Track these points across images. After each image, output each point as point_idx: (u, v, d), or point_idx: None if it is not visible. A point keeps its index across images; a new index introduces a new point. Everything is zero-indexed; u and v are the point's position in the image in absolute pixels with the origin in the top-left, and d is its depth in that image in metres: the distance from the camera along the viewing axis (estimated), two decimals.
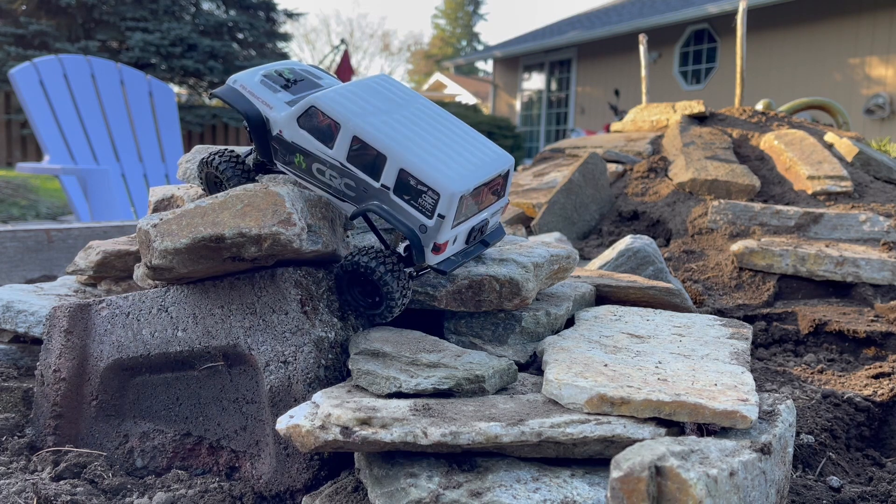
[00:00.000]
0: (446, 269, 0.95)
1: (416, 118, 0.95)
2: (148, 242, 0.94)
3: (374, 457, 0.81)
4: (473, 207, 0.94)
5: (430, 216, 0.88)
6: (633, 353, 0.96)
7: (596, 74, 12.06)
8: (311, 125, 0.94)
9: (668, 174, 2.59)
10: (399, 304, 0.96)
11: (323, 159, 0.94)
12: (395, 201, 0.90)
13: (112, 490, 0.96)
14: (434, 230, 0.89)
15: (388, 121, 0.93)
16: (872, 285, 1.84)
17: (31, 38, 9.38)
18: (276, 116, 0.97)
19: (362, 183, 0.92)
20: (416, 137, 0.91)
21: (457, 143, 0.94)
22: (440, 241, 0.90)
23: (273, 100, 0.98)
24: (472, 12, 31.87)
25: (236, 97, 1.00)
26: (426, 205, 0.88)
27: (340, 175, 0.93)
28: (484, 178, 0.92)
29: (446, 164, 0.89)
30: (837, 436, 1.19)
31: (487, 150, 0.96)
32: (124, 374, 1.06)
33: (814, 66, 8.72)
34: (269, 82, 1.01)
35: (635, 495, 0.63)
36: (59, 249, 2.33)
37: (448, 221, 0.89)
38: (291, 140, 0.96)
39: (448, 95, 22.45)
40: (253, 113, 0.98)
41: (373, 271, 0.93)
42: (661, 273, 1.53)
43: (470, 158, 0.93)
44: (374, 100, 0.96)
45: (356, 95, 0.96)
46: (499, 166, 0.95)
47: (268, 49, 11.11)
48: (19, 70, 3.94)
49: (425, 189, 0.87)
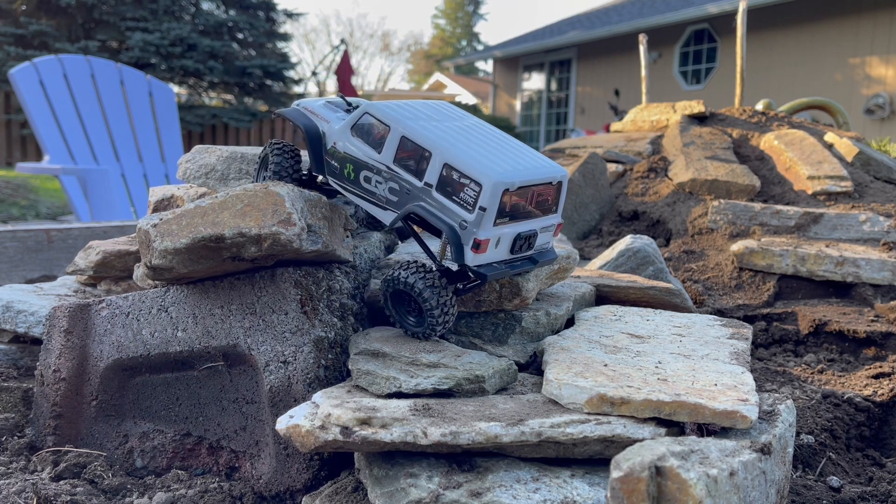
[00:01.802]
0: (487, 273, 0.90)
1: (467, 129, 0.96)
2: (148, 242, 0.94)
3: (374, 457, 0.81)
4: (519, 210, 0.92)
5: (471, 210, 0.87)
6: (633, 353, 0.96)
7: (596, 74, 12.06)
8: (363, 132, 0.97)
9: (668, 174, 2.59)
10: (441, 322, 0.94)
11: (371, 165, 0.96)
12: (438, 199, 0.90)
13: (112, 490, 0.96)
14: (475, 225, 0.87)
15: (439, 126, 0.94)
16: (872, 285, 1.84)
17: (31, 38, 9.38)
18: (332, 129, 1.02)
19: (406, 184, 0.92)
20: (463, 139, 0.92)
21: (506, 149, 0.94)
22: (480, 238, 0.88)
23: (332, 116, 1.04)
24: (472, 12, 31.87)
25: (297, 115, 1.07)
26: (468, 198, 0.87)
27: (386, 180, 0.94)
28: (530, 178, 0.90)
29: (491, 159, 0.89)
30: (837, 436, 1.19)
31: (539, 159, 0.96)
32: (124, 374, 1.06)
33: (814, 66, 8.72)
34: (332, 105, 1.08)
35: (635, 495, 0.63)
36: (59, 249, 2.33)
37: (489, 215, 0.87)
38: (344, 150, 0.99)
39: (448, 95, 22.46)
40: (311, 127, 1.04)
41: (411, 287, 0.92)
42: (661, 273, 1.53)
43: (519, 160, 0.92)
44: (427, 111, 0.99)
45: (410, 106, 0.99)
46: (549, 173, 0.94)
47: (268, 49, 11.10)
48: (19, 70, 3.94)
49: (468, 181, 0.87)
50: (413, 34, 45.79)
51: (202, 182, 1.21)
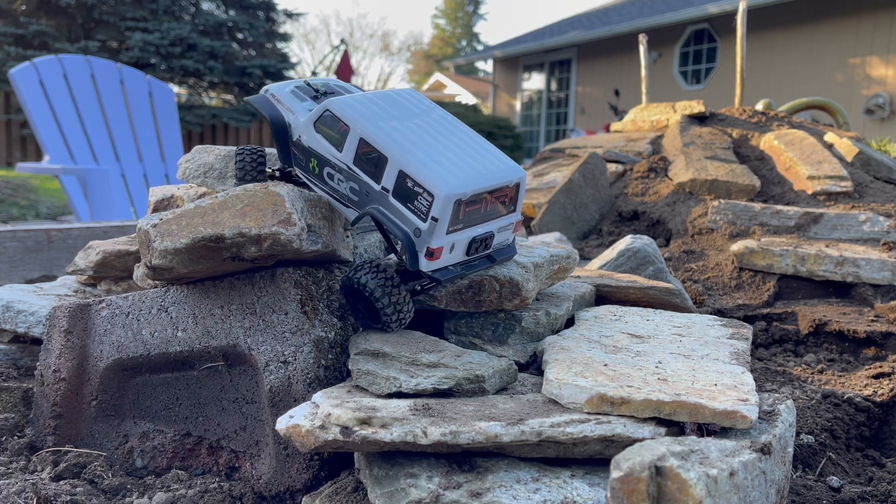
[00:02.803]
0: (441, 277, 0.92)
1: (429, 127, 0.95)
2: (148, 242, 0.94)
3: (374, 457, 0.81)
4: (474, 216, 0.91)
5: (424, 219, 0.87)
6: (633, 353, 0.96)
7: (596, 74, 12.06)
8: (326, 129, 0.96)
9: (668, 174, 2.59)
10: (394, 320, 0.95)
11: (333, 163, 0.95)
12: (394, 204, 0.89)
13: (112, 490, 0.96)
14: (428, 234, 0.87)
15: (398, 126, 0.92)
16: (872, 285, 1.84)
17: (31, 38, 9.38)
18: (297, 122, 1.00)
19: (365, 186, 0.92)
20: (421, 143, 0.91)
21: (465, 151, 0.93)
22: (433, 246, 0.88)
23: (298, 107, 1.01)
24: (472, 12, 31.86)
25: (264, 103, 1.04)
26: (421, 207, 0.87)
27: (347, 178, 0.95)
28: (485, 186, 0.89)
29: (446, 167, 0.88)
30: (837, 436, 1.19)
31: (497, 161, 0.94)
32: (124, 374, 1.06)
33: (814, 66, 8.72)
34: (298, 93, 1.04)
35: (635, 495, 0.63)
36: (59, 249, 2.33)
37: (442, 225, 0.86)
38: (308, 144, 0.98)
39: (448, 95, 22.45)
40: (277, 118, 1.01)
41: (364, 287, 0.93)
42: (661, 273, 1.53)
43: (474, 166, 0.91)
44: (389, 107, 0.96)
45: (371, 102, 0.96)
46: (506, 177, 0.93)
47: (268, 49, 11.11)
48: (19, 70, 3.94)
49: (421, 191, 0.86)
50: (413, 34, 45.81)
51: (201, 181, 1.21)
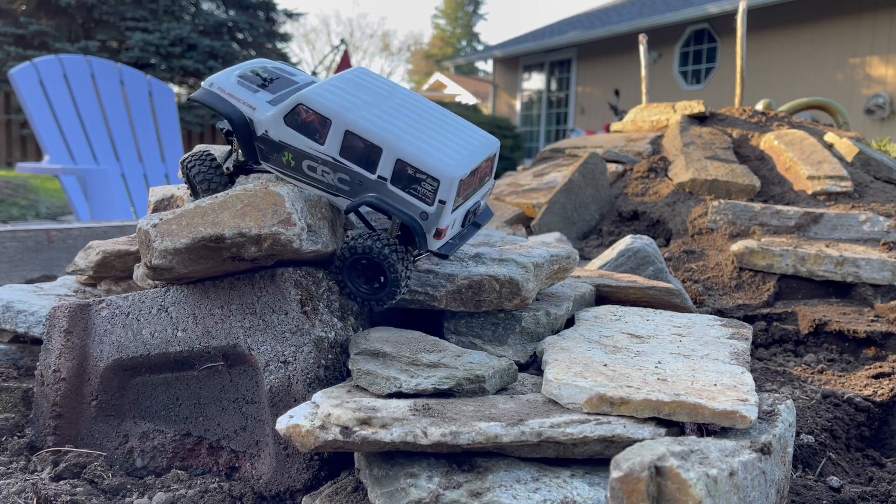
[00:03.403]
0: (447, 252, 0.98)
1: (404, 108, 0.97)
2: (148, 242, 0.94)
3: (374, 457, 0.81)
4: (468, 191, 0.96)
5: (430, 203, 0.91)
6: (632, 353, 0.96)
7: (596, 74, 12.05)
8: (299, 123, 0.94)
9: (668, 174, 2.59)
10: (403, 285, 0.96)
11: (314, 156, 0.95)
12: (393, 191, 0.92)
13: (112, 490, 0.96)
14: (435, 216, 0.91)
15: (379, 113, 0.94)
16: (872, 285, 1.84)
17: (31, 38, 9.38)
18: (261, 117, 0.97)
19: (357, 176, 0.93)
20: (407, 128, 0.93)
21: (446, 130, 0.97)
22: (442, 227, 0.92)
23: (254, 100, 0.98)
24: (472, 12, 31.86)
25: (217, 100, 0.99)
26: (426, 192, 0.90)
27: (334, 170, 0.94)
28: (477, 163, 0.95)
29: (441, 151, 0.92)
30: (837, 436, 1.19)
31: (476, 135, 0.99)
32: (124, 374, 1.06)
33: (814, 66, 8.72)
34: (246, 83, 1.01)
35: (635, 495, 0.63)
36: (59, 249, 2.33)
37: (448, 206, 0.91)
38: (279, 139, 0.96)
39: (448, 95, 22.45)
40: (236, 115, 0.98)
41: (375, 251, 0.93)
42: (661, 273, 1.53)
43: (462, 144, 0.95)
44: (360, 93, 0.97)
45: (341, 90, 0.96)
46: (488, 150, 0.99)
47: (268, 49, 11.11)
48: (19, 70, 3.94)
49: (424, 177, 0.90)
50: (413, 34, 45.80)
51: None
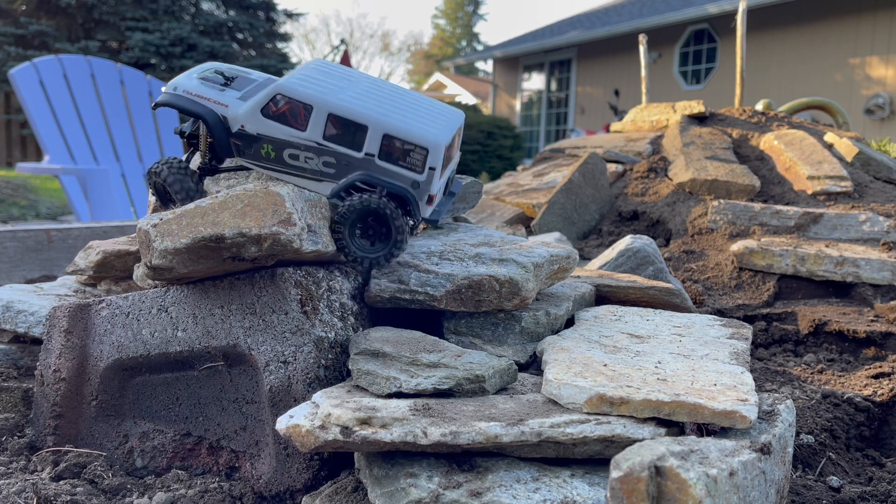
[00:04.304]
0: (437, 217, 1.04)
1: (373, 90, 1.02)
2: (148, 242, 0.94)
3: (374, 457, 0.81)
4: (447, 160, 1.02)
5: (420, 171, 0.96)
6: (632, 353, 0.96)
7: (596, 74, 12.05)
8: (278, 112, 0.96)
9: (668, 174, 2.59)
10: (404, 241, 1.00)
11: (296, 143, 0.97)
12: (382, 166, 0.96)
13: (112, 490, 0.96)
14: (427, 183, 0.97)
15: (355, 95, 0.98)
16: (872, 285, 1.84)
17: (31, 38, 9.38)
18: (235, 112, 0.98)
19: (343, 157, 0.96)
20: (384, 106, 0.98)
21: (416, 105, 1.02)
22: (433, 192, 0.98)
23: (224, 98, 1.00)
24: (472, 12, 31.85)
25: (186, 102, 1.00)
26: (415, 162, 0.96)
27: (318, 154, 0.97)
28: (454, 131, 1.02)
29: (422, 122, 0.97)
30: (837, 436, 1.19)
31: (444, 109, 1.05)
32: (124, 374, 1.06)
33: (814, 66, 8.72)
34: (209, 83, 1.02)
35: (635, 495, 0.63)
36: (59, 249, 2.33)
37: (437, 173, 0.96)
38: (257, 132, 0.98)
39: (448, 95, 22.44)
40: (209, 114, 0.99)
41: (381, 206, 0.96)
42: (661, 273, 1.53)
43: (435, 116, 1.01)
44: (330, 79, 1.01)
45: (314, 79, 1.00)
46: (458, 121, 1.05)
47: (268, 49, 11.11)
48: (19, 70, 3.94)
49: (412, 147, 0.95)
50: (413, 34, 45.80)
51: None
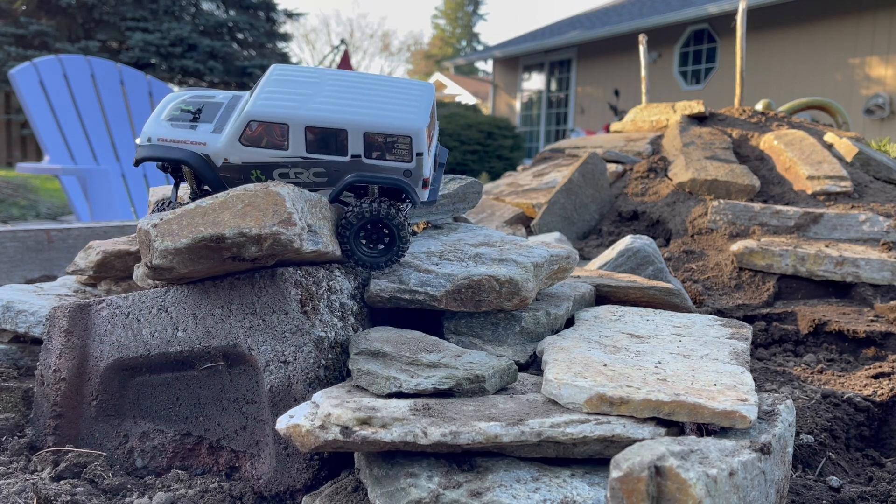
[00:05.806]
0: (433, 197, 1.05)
1: (339, 87, 1.01)
2: (148, 242, 0.94)
3: (374, 457, 0.81)
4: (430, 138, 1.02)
5: (409, 160, 0.96)
6: (632, 352, 0.97)
7: (596, 74, 12.05)
8: (255, 138, 0.97)
9: (667, 174, 2.59)
10: (407, 244, 1.01)
11: (282, 163, 0.97)
12: (371, 164, 0.97)
13: (112, 490, 0.96)
14: (418, 168, 0.97)
15: (323, 100, 0.98)
16: (872, 285, 1.84)
17: (31, 38, 9.38)
18: (214, 148, 0.98)
19: (331, 164, 0.97)
20: (355, 102, 0.98)
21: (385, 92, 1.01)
22: (427, 176, 0.98)
23: (198, 136, 0.99)
24: (472, 12, 31.86)
25: (165, 151, 1.00)
26: (402, 151, 0.96)
27: (307, 168, 0.98)
28: (429, 108, 1.01)
29: (395, 110, 0.97)
30: (837, 436, 1.19)
31: (412, 87, 1.04)
32: (124, 374, 1.06)
33: (814, 66, 8.72)
34: (179, 123, 1.01)
35: (635, 495, 0.63)
36: (59, 249, 2.33)
37: (425, 156, 0.97)
38: (241, 161, 0.98)
39: (448, 96, 22.44)
40: (191, 157, 0.99)
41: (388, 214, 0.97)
42: (661, 273, 1.53)
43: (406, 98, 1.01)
44: (296, 89, 1.00)
45: (279, 93, 0.99)
46: (430, 95, 1.04)
47: (268, 49, 11.11)
48: (19, 70, 3.94)
49: (395, 139, 0.95)
50: (413, 34, 45.80)
51: None
